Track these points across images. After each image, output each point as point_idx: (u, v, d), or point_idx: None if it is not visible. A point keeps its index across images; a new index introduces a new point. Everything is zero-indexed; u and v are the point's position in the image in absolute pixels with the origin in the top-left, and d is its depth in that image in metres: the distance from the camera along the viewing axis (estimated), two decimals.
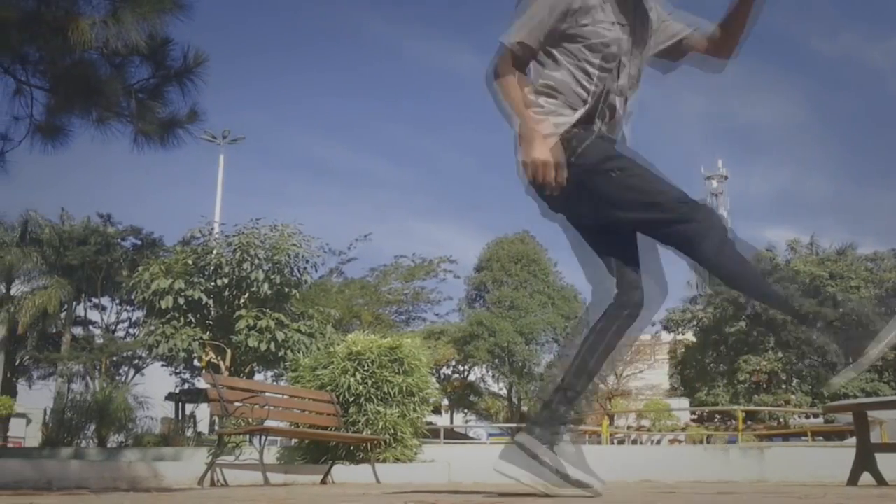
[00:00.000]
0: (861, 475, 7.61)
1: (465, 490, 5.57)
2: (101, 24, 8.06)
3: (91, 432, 22.00)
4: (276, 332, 21.48)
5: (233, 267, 22.09)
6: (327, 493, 5.91)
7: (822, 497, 4.25)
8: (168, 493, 6.21)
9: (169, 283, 21.73)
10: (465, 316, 52.97)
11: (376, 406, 11.94)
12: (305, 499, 4.50)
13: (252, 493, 6.02)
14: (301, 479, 10.49)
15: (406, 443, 12.29)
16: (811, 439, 26.82)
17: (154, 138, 9.53)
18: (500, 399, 55.47)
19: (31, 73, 9.29)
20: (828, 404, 10.46)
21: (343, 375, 12.06)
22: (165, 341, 21.90)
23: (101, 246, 40.89)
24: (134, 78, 9.41)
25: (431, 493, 5.06)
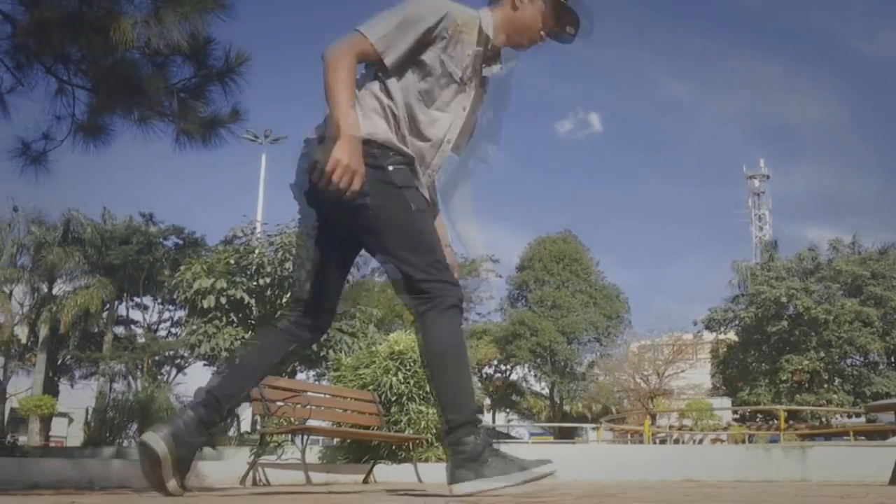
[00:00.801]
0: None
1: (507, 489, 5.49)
2: (142, 24, 8.07)
3: (133, 432, 22.10)
4: None
5: (275, 266, 22.13)
6: (370, 493, 5.88)
7: (864, 496, 4.16)
8: (210, 493, 6.19)
9: (211, 282, 21.81)
10: (507, 315, 52.93)
11: (418, 405, 11.92)
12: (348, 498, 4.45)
13: (294, 492, 5.99)
14: (343, 479, 10.46)
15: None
16: (853, 439, 26.49)
17: (196, 138, 9.52)
18: (542, 398, 55.37)
19: (73, 72, 9.31)
20: (870, 404, 10.36)
21: (385, 375, 12.05)
22: (207, 340, 21.97)
23: (142, 245, 41.12)
24: (176, 77, 9.42)
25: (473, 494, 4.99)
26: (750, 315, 51.18)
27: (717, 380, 57.94)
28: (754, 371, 50.98)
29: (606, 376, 52.96)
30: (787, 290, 48.95)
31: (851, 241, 54.95)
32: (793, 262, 53.41)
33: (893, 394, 43.93)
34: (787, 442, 22.11)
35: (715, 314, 54.01)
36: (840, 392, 47.91)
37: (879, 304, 48.16)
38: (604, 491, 5.15)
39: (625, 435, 34.40)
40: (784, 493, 5.13)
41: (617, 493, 4.72)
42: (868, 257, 51.99)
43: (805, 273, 51.81)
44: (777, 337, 49.99)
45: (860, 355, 50.37)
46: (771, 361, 49.92)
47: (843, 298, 48.92)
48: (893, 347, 48.93)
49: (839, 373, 49.44)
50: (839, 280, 50.04)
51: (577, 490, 5.18)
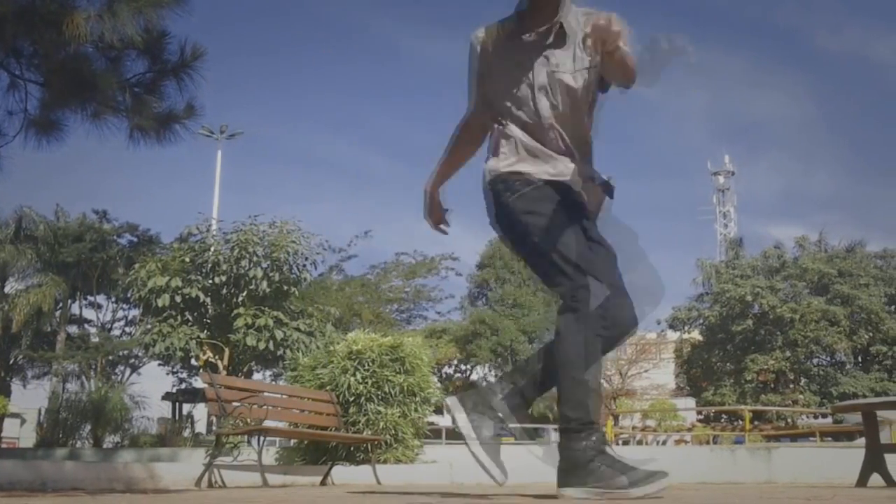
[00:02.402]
0: (870, 476, 7.53)
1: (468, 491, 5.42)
2: (96, 18, 7.92)
3: (86, 432, 21.94)
4: (275, 331, 21.37)
5: (231, 264, 21.98)
6: (327, 495, 5.78)
7: (831, 499, 4.11)
8: (165, 495, 6.09)
9: (166, 280, 21.61)
10: (468, 314, 52.90)
11: (377, 406, 11.83)
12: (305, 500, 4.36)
13: (251, 494, 5.89)
14: (300, 480, 10.36)
15: (407, 443, 12.19)
16: (820, 440, 26.66)
17: (150, 134, 9.38)
18: None
19: (26, 67, 9.16)
20: (836, 404, 10.35)
21: (343, 375, 11.95)
22: (162, 340, 21.78)
23: (96, 243, 40.80)
24: (130, 72, 9.27)
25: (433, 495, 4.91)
26: (714, 314, 51.46)
27: (680, 380, 58.21)
28: (719, 371, 51.28)
29: None
30: (753, 288, 49.19)
31: (818, 239, 55.48)
32: (758, 260, 53.74)
33: (860, 394, 44.12)
34: (752, 443, 22.21)
35: (679, 313, 54.15)
36: (806, 392, 48.27)
37: (846, 302, 48.49)
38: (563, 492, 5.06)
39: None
40: (749, 494, 5.07)
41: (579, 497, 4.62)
42: (835, 255, 52.42)
43: (771, 271, 52.10)
44: (742, 336, 50.22)
45: (827, 355, 50.69)
46: (736, 361, 50.11)
47: (809, 297, 49.21)
48: (860, 347, 49.34)
49: (805, 373, 49.83)
50: (805, 278, 50.27)
51: (535, 491, 5.09)
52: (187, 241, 23.58)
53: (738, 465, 13.68)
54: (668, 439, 32.68)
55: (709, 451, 18.47)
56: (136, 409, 24.15)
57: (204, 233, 23.60)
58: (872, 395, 43.32)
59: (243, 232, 22.29)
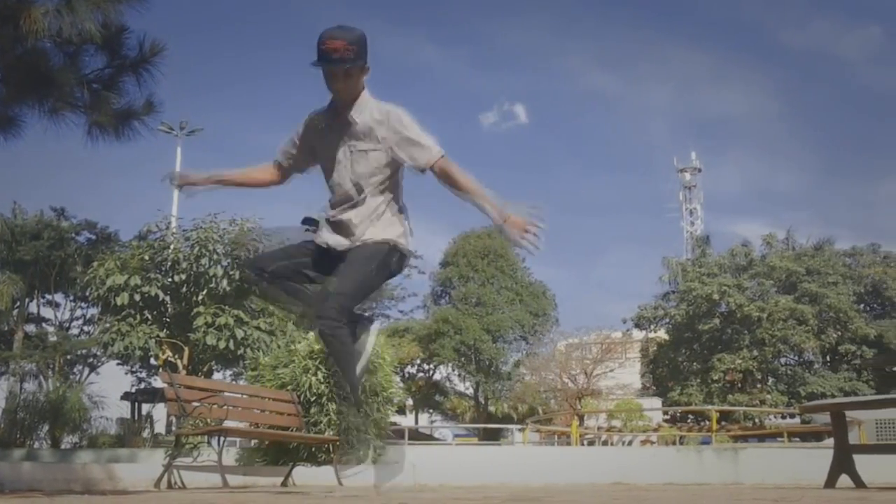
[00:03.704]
0: (839, 477, 7.50)
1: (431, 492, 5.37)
2: (54, 13, 7.83)
3: (44, 433, 21.76)
4: (236, 330, 21.27)
5: (190, 262, 21.85)
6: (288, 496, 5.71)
7: (799, 500, 4.09)
8: (124, 496, 6.00)
9: (125, 279, 21.46)
10: (431, 313, 52.84)
11: (338, 406, 11.76)
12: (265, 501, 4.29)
13: (210, 495, 5.81)
14: (261, 482, 10.28)
15: (369, 444, 12.12)
16: (787, 440, 26.69)
17: (109, 130, 9.29)
18: (466, 399, 55.27)
19: None
20: (804, 404, 10.35)
21: (304, 374, 11.90)
22: (121, 339, 21.63)
23: (54, 241, 40.47)
24: (88, 68, 9.17)
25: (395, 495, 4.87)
26: (681, 312, 51.46)
27: (646, 379, 58.27)
28: (685, 370, 51.21)
29: (533, 376, 53.02)
30: (720, 286, 49.14)
31: (785, 237, 55.71)
32: (725, 258, 53.82)
33: (829, 394, 44.20)
34: (719, 443, 22.23)
35: (645, 312, 54.26)
36: (774, 392, 48.30)
37: (814, 301, 48.59)
38: (530, 494, 5.03)
39: (552, 436, 34.44)
40: (716, 496, 5.05)
41: (544, 497, 4.60)
42: (803, 253, 52.60)
43: (738, 269, 52.23)
44: (709, 335, 50.19)
45: (794, 354, 50.83)
46: (702, 360, 50.12)
47: (776, 295, 49.28)
48: (828, 346, 49.47)
49: (773, 372, 49.96)
50: (773, 276, 50.35)
51: (503, 493, 5.05)
52: (146, 239, 23.44)
53: (705, 465, 13.67)
54: (634, 440, 32.67)
55: (675, 451, 18.45)
56: (94, 409, 23.96)
57: (163, 230, 23.47)
58: (841, 394, 43.50)
59: (203, 230, 22.17)
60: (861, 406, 13.69)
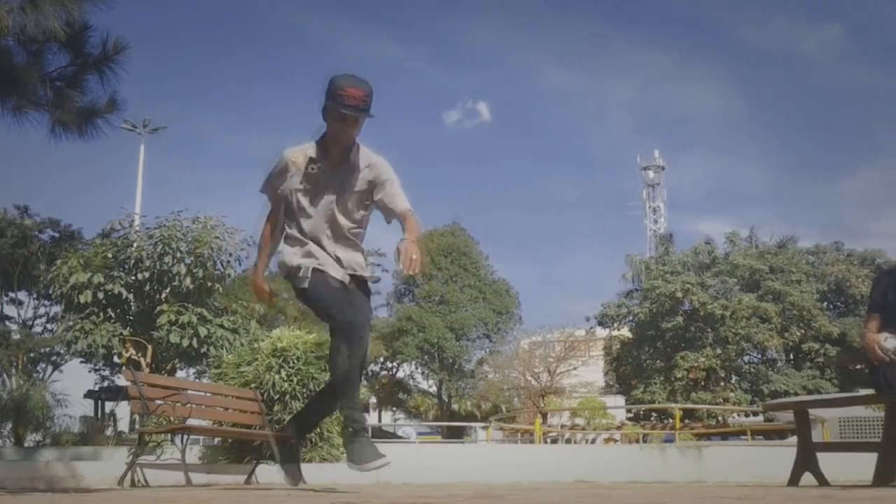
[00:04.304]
0: (802, 475, 7.54)
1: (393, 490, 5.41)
2: (18, 11, 7.80)
3: (7, 431, 21.66)
4: (199, 328, 21.19)
5: (154, 260, 21.74)
6: (252, 494, 5.74)
7: (762, 498, 4.14)
8: (87, 494, 6.00)
9: (88, 276, 21.34)
10: (394, 311, 52.81)
11: (302, 404, 11.77)
12: (229, 499, 4.32)
13: (174, 493, 5.83)
14: (224, 480, 10.29)
15: (332, 442, 12.16)
16: (751, 438, 26.75)
17: (72, 128, 9.27)
18: (429, 397, 55.27)
19: None
20: (768, 402, 10.46)
21: (268, 372, 11.91)
22: (84, 337, 21.51)
23: (17, 239, 40.11)
24: (51, 66, 9.16)
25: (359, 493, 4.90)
26: (644, 311, 51.33)
27: (610, 377, 58.32)
28: (649, 368, 51.19)
29: (496, 374, 53.09)
30: (683, 284, 49.07)
31: (749, 235, 55.83)
32: (688, 256, 53.79)
33: (792, 392, 44.26)
34: (682, 441, 22.28)
35: (608, 310, 54.15)
36: (737, 390, 48.38)
37: (777, 299, 48.66)
38: (493, 492, 5.07)
39: (515, 434, 34.45)
40: (679, 494, 5.09)
41: (507, 495, 4.64)
42: (766, 251, 52.71)
43: (701, 267, 52.22)
44: (672, 333, 50.17)
45: (758, 352, 50.92)
46: (666, 358, 50.14)
47: (740, 293, 49.27)
48: (792, 344, 49.49)
49: (736, 370, 50.03)
50: (736, 274, 50.38)
51: (466, 491, 5.08)
52: (110, 237, 23.31)
53: (669, 463, 13.77)
54: (598, 438, 32.76)
55: (638, 449, 18.58)
56: (58, 407, 23.85)
57: (126, 228, 23.36)
58: (804, 392, 43.62)
59: (166, 228, 22.07)
60: (824, 404, 13.80)
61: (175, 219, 22.42)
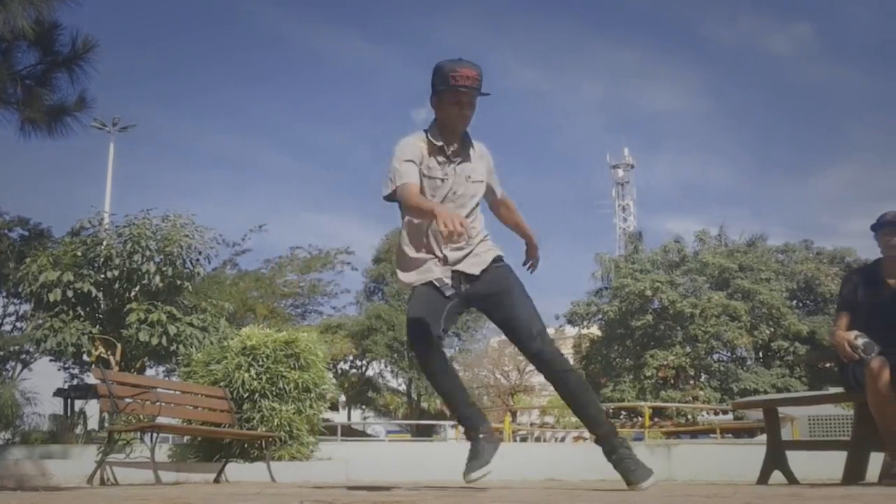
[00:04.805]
0: (772, 473, 7.61)
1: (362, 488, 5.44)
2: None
3: None
4: (168, 326, 21.08)
5: (123, 258, 21.64)
6: (221, 492, 5.75)
7: (732, 496, 4.19)
8: (57, 493, 6.00)
9: (57, 275, 21.23)
10: (363, 309, 52.68)
11: (271, 402, 11.79)
12: (198, 497, 4.33)
13: (143, 492, 5.83)
14: (194, 478, 10.29)
15: (302, 440, 12.16)
16: (720, 436, 26.78)
17: (41, 126, 9.27)
18: (399, 395, 55.10)
19: None
20: (737, 400, 10.51)
21: (237, 371, 11.89)
22: (54, 335, 21.38)
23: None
24: (21, 64, 9.16)
25: (328, 492, 4.92)
26: (613, 309, 51.00)
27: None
28: (618, 366, 50.84)
29: (465, 372, 52.97)
30: (652, 283, 48.88)
31: (718, 233, 55.73)
32: (658, 255, 53.63)
33: (761, 390, 44.12)
34: (652, 440, 22.34)
35: (577, 308, 53.83)
36: (706, 388, 48.05)
37: (747, 297, 48.55)
38: (463, 490, 5.11)
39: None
40: (649, 492, 5.15)
41: (476, 493, 4.68)
42: (735, 249, 52.63)
43: (670, 265, 52.14)
44: (641, 331, 49.94)
45: (727, 350, 50.72)
46: (635, 356, 49.88)
47: (709, 292, 49.05)
48: (761, 342, 49.30)
49: (706, 368, 49.79)
50: (706, 273, 50.26)
51: (435, 489, 5.12)
52: (79, 236, 23.20)
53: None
54: (567, 436, 32.74)
55: None
56: (27, 405, 23.71)
57: (96, 227, 23.24)
58: (774, 391, 43.52)
59: (136, 226, 21.97)
60: (794, 402, 13.81)
61: (145, 217, 22.33)
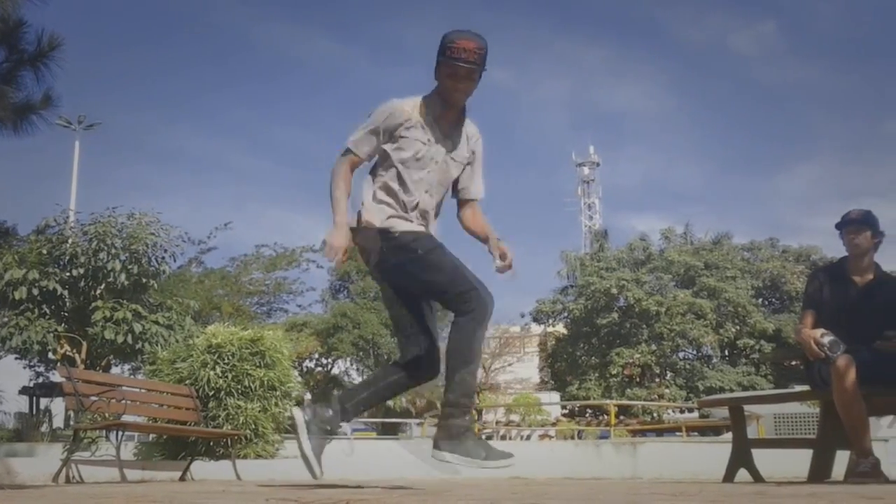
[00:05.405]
0: (737, 471, 7.66)
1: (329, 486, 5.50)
2: None
3: None
4: (134, 324, 21.02)
5: (89, 256, 21.56)
6: (186, 490, 5.79)
7: (698, 494, 4.26)
8: (22, 491, 6.02)
9: (23, 273, 21.13)
10: (329, 307, 52.56)
11: (237, 400, 11.81)
12: (163, 495, 4.37)
13: (109, 490, 5.86)
14: (159, 476, 10.30)
15: (268, 438, 12.19)
16: (686, 434, 26.86)
17: (6, 124, 9.26)
18: None
19: None
20: (703, 398, 10.58)
21: (202, 369, 11.91)
22: (19, 333, 21.29)
23: None
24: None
25: (294, 490, 4.98)
26: (579, 307, 51.19)
27: (545, 374, 58.03)
28: (584, 365, 50.95)
29: None
30: (618, 281, 49.10)
31: (683, 231, 56.09)
32: (624, 253, 53.90)
33: (727, 388, 44.30)
34: (617, 438, 22.38)
35: (543, 306, 54.04)
36: (672, 386, 48.36)
37: (713, 295, 48.86)
38: (429, 489, 5.16)
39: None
40: (615, 490, 5.21)
41: (442, 491, 4.74)
42: (701, 247, 53.02)
43: (636, 263, 52.36)
44: (607, 329, 50.11)
45: (693, 348, 50.91)
46: (601, 355, 50.01)
47: (675, 290, 49.51)
48: (727, 341, 49.68)
49: (671, 366, 50.09)
50: (671, 271, 50.43)
51: (400, 487, 5.18)
52: (44, 233, 23.11)
53: (604, 460, 13.85)
54: (533, 434, 32.77)
55: (573, 446, 18.61)
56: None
57: (61, 224, 23.15)
58: (739, 389, 43.59)
59: (101, 224, 21.89)
60: (759, 400, 13.89)
61: (110, 215, 22.25)
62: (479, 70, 5.35)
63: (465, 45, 5.25)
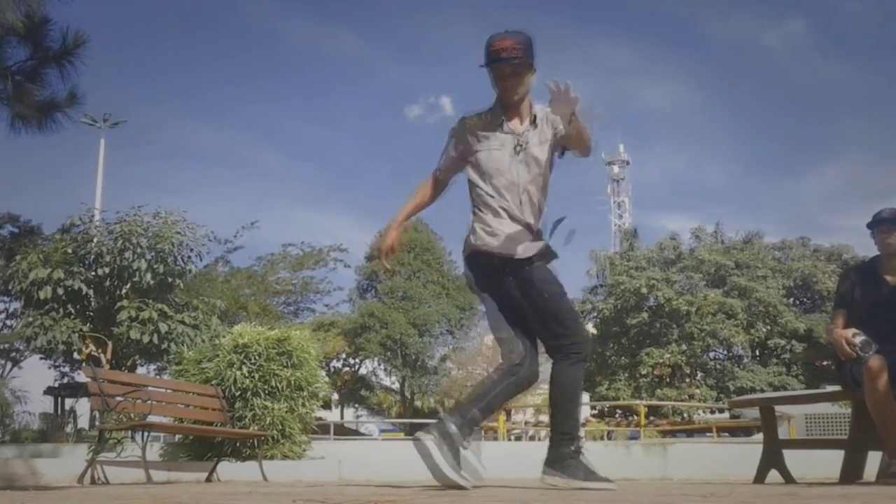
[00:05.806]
0: (768, 473, 7.53)
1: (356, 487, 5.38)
2: None
3: None
4: (159, 324, 21.00)
5: (114, 256, 21.55)
6: (212, 492, 5.68)
7: (728, 495, 4.12)
8: (47, 492, 5.93)
9: (48, 272, 21.13)
10: (356, 307, 52.53)
11: (263, 401, 11.74)
12: (189, 497, 4.26)
13: (134, 491, 5.77)
14: (185, 477, 10.23)
15: (294, 439, 12.12)
16: (716, 435, 26.67)
17: (32, 122, 9.21)
18: (392, 393, 54.96)
19: None
20: (734, 399, 10.44)
21: (229, 369, 11.84)
22: (44, 333, 21.29)
23: None
24: (11, 59, 9.09)
25: (321, 491, 4.86)
26: (609, 306, 50.70)
27: None
28: (613, 365, 50.61)
29: (459, 370, 52.69)
30: (648, 280, 48.64)
31: (714, 230, 55.59)
32: (653, 252, 53.40)
33: (758, 389, 43.85)
34: (647, 438, 22.26)
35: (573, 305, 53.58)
36: (703, 386, 47.73)
37: (743, 295, 48.35)
38: (456, 490, 5.04)
39: (479, 431, 34.23)
40: (644, 491, 5.09)
41: (471, 492, 4.62)
42: (731, 247, 52.41)
43: (666, 263, 51.81)
44: (637, 329, 49.60)
45: (723, 348, 50.43)
46: (631, 355, 49.61)
47: (705, 289, 48.93)
48: (758, 340, 49.15)
49: (702, 366, 49.41)
50: (701, 270, 49.99)
51: (429, 488, 5.05)
52: (70, 232, 23.10)
53: (633, 461, 13.74)
54: None
55: (603, 446, 18.53)
56: (17, 403, 23.70)
57: (87, 224, 23.14)
58: (770, 389, 43.16)
59: (127, 223, 21.88)
60: (790, 401, 13.74)
61: (135, 214, 22.24)
62: (524, 63, 5.41)
63: (502, 45, 5.33)
